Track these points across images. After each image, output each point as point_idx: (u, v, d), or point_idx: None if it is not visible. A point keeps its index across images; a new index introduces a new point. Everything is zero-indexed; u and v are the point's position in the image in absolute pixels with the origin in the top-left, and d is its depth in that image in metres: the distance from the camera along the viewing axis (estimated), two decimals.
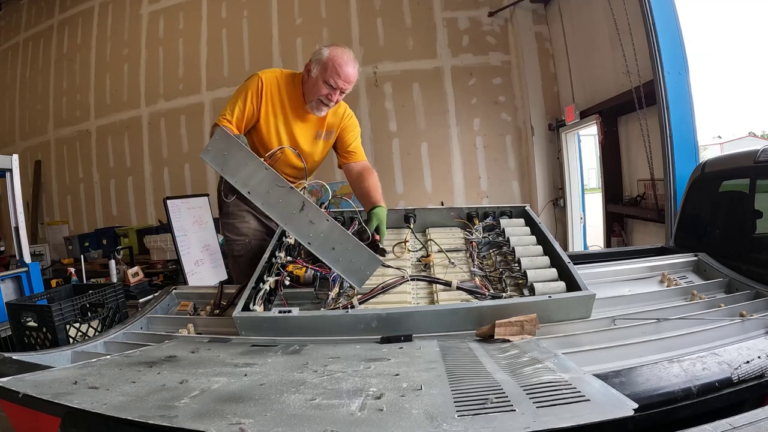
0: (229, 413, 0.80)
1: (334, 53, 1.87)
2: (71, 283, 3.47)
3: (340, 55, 1.87)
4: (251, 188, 1.45)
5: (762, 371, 0.96)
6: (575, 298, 1.36)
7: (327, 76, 1.86)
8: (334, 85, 1.87)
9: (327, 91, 1.88)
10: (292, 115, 1.98)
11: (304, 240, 1.46)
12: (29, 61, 7.36)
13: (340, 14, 5.93)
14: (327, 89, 1.88)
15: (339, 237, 1.44)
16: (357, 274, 1.45)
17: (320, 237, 1.45)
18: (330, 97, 1.90)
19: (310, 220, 1.44)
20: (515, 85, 5.74)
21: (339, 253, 1.45)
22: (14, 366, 1.19)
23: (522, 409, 0.75)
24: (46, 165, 7.24)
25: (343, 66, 1.85)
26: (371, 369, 1.01)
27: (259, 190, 1.45)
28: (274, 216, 1.47)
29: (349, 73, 1.87)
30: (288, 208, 1.44)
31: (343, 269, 1.45)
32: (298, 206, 1.43)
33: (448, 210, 2.07)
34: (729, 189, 2.00)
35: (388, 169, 5.86)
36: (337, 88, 1.88)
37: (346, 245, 1.44)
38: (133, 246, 5.40)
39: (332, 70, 1.85)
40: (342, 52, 1.88)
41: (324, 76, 1.86)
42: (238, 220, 2.16)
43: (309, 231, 1.44)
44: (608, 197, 4.55)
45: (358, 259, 1.44)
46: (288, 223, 1.46)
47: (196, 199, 4.25)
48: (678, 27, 3.16)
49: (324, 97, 1.90)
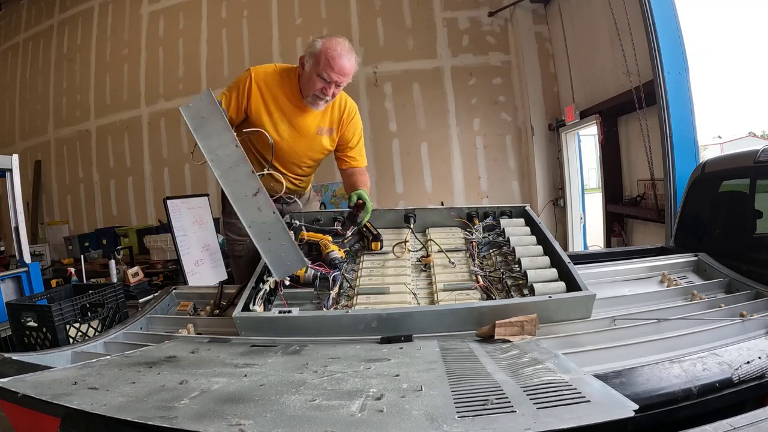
0: (229, 414, 0.80)
1: (327, 45, 1.78)
2: (71, 283, 3.47)
3: (333, 46, 1.78)
4: (215, 157, 1.46)
5: (762, 372, 0.96)
6: (575, 299, 1.36)
7: (320, 69, 1.78)
8: (328, 79, 1.79)
9: (321, 85, 1.81)
10: (290, 108, 1.91)
11: (246, 222, 1.49)
12: (29, 61, 7.36)
13: (340, 14, 5.93)
14: (321, 83, 1.80)
15: (278, 231, 1.48)
16: (282, 267, 1.52)
17: (261, 224, 1.49)
18: (325, 92, 1.83)
19: (258, 207, 1.48)
20: (515, 85, 5.74)
21: (272, 245, 1.49)
22: (14, 366, 1.19)
23: (522, 410, 0.75)
24: (46, 165, 7.24)
25: (337, 58, 1.76)
26: (371, 369, 1.01)
27: (222, 163, 1.47)
28: (227, 191, 1.49)
29: (343, 66, 1.78)
30: (243, 189, 1.48)
31: (270, 259, 1.51)
32: (253, 191, 1.47)
33: (448, 210, 2.07)
34: (729, 189, 2.00)
35: (388, 169, 5.86)
36: (332, 82, 1.80)
37: (281, 240, 1.49)
38: (133, 246, 5.40)
39: (325, 64, 1.77)
40: (336, 44, 1.78)
41: (317, 69, 1.78)
42: (239, 219, 2.15)
43: (254, 216, 1.49)
44: (608, 197, 4.54)
45: (288, 256, 1.50)
46: (237, 202, 1.49)
47: (196, 199, 4.25)
48: (678, 27, 3.16)
49: (319, 91, 1.82)
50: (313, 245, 1.80)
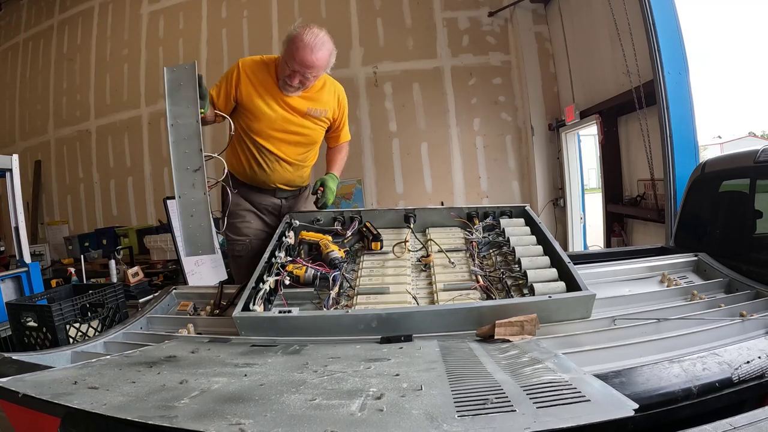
0: (229, 413, 0.80)
1: (298, 35, 1.76)
2: (71, 283, 3.47)
3: (302, 37, 1.75)
4: (176, 123, 1.55)
5: (762, 371, 0.96)
6: (575, 298, 1.36)
7: (286, 57, 1.79)
8: (291, 67, 1.80)
9: (288, 73, 1.82)
10: (277, 91, 1.95)
11: (178, 192, 1.55)
12: (29, 61, 7.35)
13: (340, 14, 5.93)
14: (288, 71, 1.81)
15: (202, 211, 1.54)
16: (193, 246, 1.58)
17: (189, 200, 1.54)
18: (291, 80, 1.83)
19: (194, 182, 1.54)
20: (515, 85, 5.74)
21: (192, 222, 1.55)
22: (14, 366, 1.19)
23: (522, 409, 0.75)
24: (46, 165, 7.24)
25: (300, 50, 1.74)
26: (371, 369, 1.01)
27: (178, 131, 1.55)
28: (173, 159, 1.55)
29: (305, 59, 1.75)
30: (187, 162, 1.54)
31: (185, 235, 1.57)
32: (194, 167, 1.53)
33: (448, 210, 2.07)
34: (729, 189, 2.00)
35: (388, 169, 5.87)
36: (297, 72, 1.80)
37: (201, 221, 1.54)
38: (133, 246, 5.40)
39: (289, 54, 1.77)
40: (305, 34, 1.76)
41: (285, 56, 1.80)
42: (239, 219, 2.16)
43: (186, 190, 1.55)
44: (608, 197, 4.54)
45: (202, 238, 1.57)
46: (177, 171, 1.55)
47: None
48: (678, 27, 3.16)
49: (287, 77, 1.83)
50: (313, 245, 1.80)
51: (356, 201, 5.78)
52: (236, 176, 2.15)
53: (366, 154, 5.84)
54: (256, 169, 2.08)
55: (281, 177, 2.12)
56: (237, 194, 2.15)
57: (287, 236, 1.85)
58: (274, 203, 2.20)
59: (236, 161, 2.12)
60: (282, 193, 2.20)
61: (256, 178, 2.12)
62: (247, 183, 2.15)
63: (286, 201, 2.22)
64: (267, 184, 2.14)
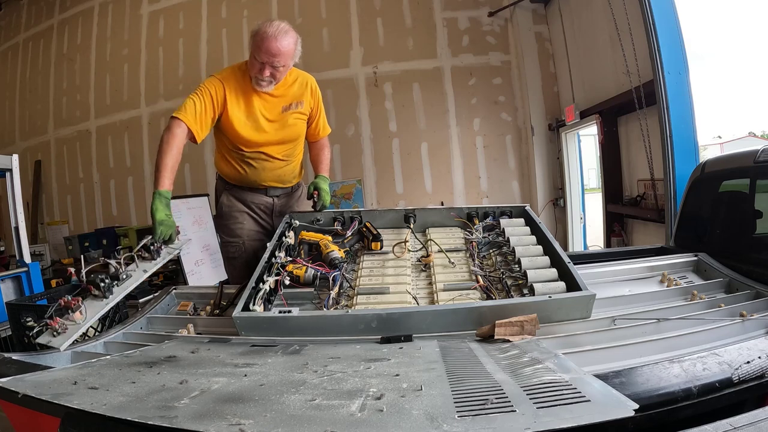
0: (229, 414, 0.80)
1: (261, 28, 1.84)
2: (71, 283, 3.47)
3: (265, 29, 1.83)
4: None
5: (762, 371, 0.96)
6: (575, 298, 1.36)
7: (254, 51, 1.86)
8: (260, 60, 1.85)
9: (258, 67, 1.87)
10: (253, 96, 1.98)
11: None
12: (29, 61, 7.35)
13: (340, 14, 5.93)
14: (257, 65, 1.87)
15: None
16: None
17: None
18: (262, 73, 1.88)
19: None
20: (515, 85, 5.74)
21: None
22: (14, 366, 1.19)
23: (522, 409, 0.75)
24: (46, 165, 7.23)
25: (266, 40, 1.81)
26: (371, 369, 1.01)
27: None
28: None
29: (270, 47, 1.82)
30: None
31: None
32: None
33: (448, 210, 2.07)
34: (729, 189, 2.00)
35: (388, 169, 5.86)
36: (266, 63, 1.85)
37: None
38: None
39: (256, 47, 1.84)
40: (268, 27, 1.84)
41: (253, 51, 1.87)
42: (232, 221, 2.16)
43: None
44: (608, 197, 4.54)
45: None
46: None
47: (196, 199, 4.25)
48: (678, 27, 3.16)
49: (258, 72, 1.88)
50: (313, 245, 1.80)
51: (356, 201, 5.78)
52: (228, 179, 2.16)
53: (366, 154, 5.84)
54: (247, 169, 2.10)
55: (272, 174, 2.14)
56: (229, 195, 2.15)
57: (287, 236, 1.85)
58: (267, 202, 2.20)
59: (226, 165, 2.14)
60: (274, 191, 2.20)
61: (247, 178, 2.13)
62: (238, 185, 2.16)
63: (278, 199, 2.23)
64: (259, 183, 2.15)
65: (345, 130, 5.77)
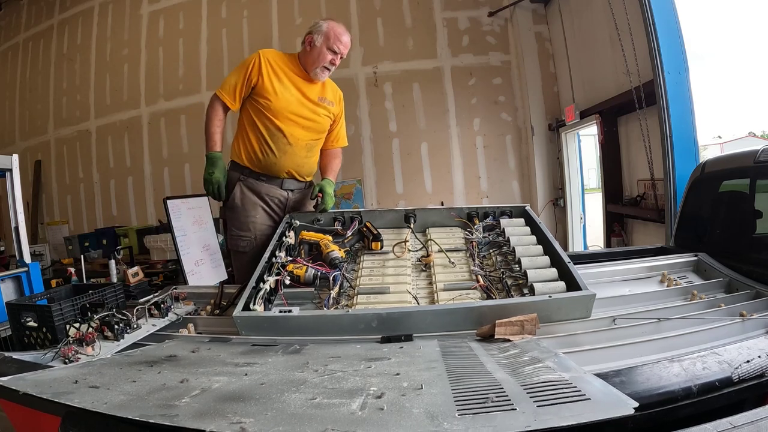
0: (230, 412, 0.80)
1: (332, 24, 2.17)
2: (71, 283, 3.47)
3: (337, 24, 2.19)
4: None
5: (762, 371, 0.96)
6: (575, 298, 1.36)
7: (330, 43, 2.13)
8: (336, 51, 2.15)
9: (331, 57, 2.16)
10: (295, 79, 2.19)
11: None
12: (29, 61, 7.35)
13: (340, 14, 5.92)
14: (331, 55, 2.16)
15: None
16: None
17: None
18: (333, 62, 2.18)
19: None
20: (515, 85, 5.74)
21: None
22: (14, 365, 1.19)
23: (522, 408, 0.75)
24: (46, 165, 7.23)
25: (342, 34, 2.17)
26: (372, 368, 1.01)
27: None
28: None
29: (348, 41, 2.20)
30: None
31: None
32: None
33: (448, 210, 2.07)
34: (729, 189, 2.00)
35: (388, 169, 5.86)
36: (339, 53, 2.17)
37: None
38: (133, 246, 5.40)
39: (335, 38, 2.14)
40: (337, 24, 2.19)
41: (328, 44, 2.14)
42: (244, 214, 2.15)
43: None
44: (608, 197, 4.54)
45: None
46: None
47: (196, 199, 4.24)
48: (678, 27, 3.16)
49: (328, 63, 2.16)
50: (314, 245, 1.81)
51: (356, 201, 5.78)
52: (245, 165, 2.17)
53: (366, 154, 5.83)
54: (268, 152, 2.14)
55: (291, 161, 2.18)
56: (243, 186, 2.16)
57: (287, 236, 1.86)
58: (282, 195, 2.20)
59: (247, 147, 2.17)
60: (289, 184, 2.21)
61: (266, 162, 2.14)
62: (256, 171, 2.17)
63: (293, 194, 2.23)
64: (276, 171, 2.17)
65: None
